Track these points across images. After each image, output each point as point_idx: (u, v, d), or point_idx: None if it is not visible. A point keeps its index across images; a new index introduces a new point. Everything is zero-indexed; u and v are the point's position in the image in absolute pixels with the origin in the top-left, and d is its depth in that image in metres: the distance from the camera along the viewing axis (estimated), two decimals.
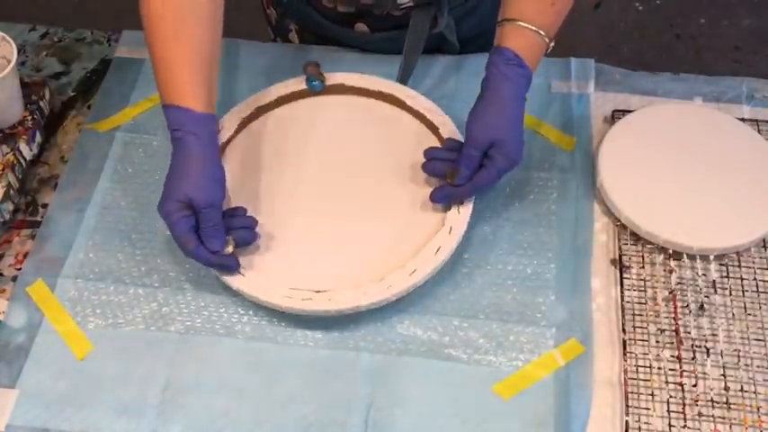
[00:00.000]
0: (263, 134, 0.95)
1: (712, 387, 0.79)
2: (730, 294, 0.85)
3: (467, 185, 0.84)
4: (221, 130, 0.93)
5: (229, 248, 0.81)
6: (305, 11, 1.05)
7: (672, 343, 0.82)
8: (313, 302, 0.80)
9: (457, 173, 0.84)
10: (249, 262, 0.84)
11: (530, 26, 0.83)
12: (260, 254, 0.85)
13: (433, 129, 0.93)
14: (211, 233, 0.80)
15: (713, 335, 0.82)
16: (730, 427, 0.77)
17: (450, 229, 0.84)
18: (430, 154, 0.88)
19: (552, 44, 0.86)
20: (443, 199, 0.86)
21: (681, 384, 0.79)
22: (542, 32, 0.84)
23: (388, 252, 0.84)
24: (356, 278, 0.82)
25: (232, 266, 0.82)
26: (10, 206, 0.90)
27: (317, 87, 0.96)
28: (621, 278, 0.86)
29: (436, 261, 0.82)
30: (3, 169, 0.90)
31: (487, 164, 0.83)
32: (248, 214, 0.85)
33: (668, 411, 0.78)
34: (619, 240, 0.88)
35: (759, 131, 0.95)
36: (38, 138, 0.96)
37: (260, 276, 0.83)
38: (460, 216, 0.85)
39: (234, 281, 0.82)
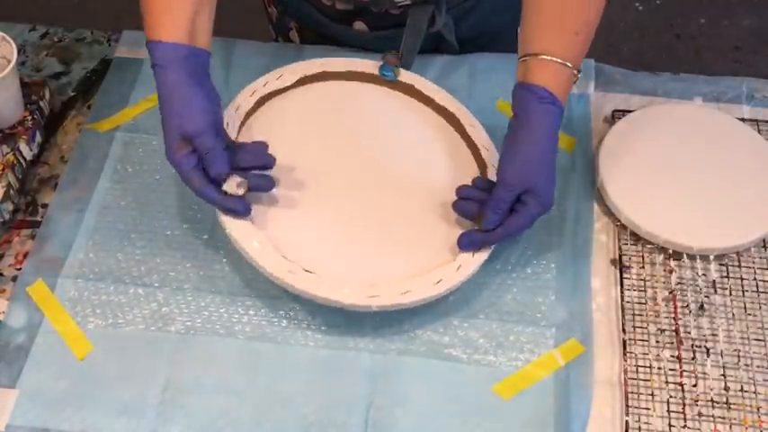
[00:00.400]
0: (320, 96, 0.94)
1: (712, 387, 0.79)
2: (730, 294, 0.85)
3: (497, 231, 0.80)
4: (281, 77, 0.93)
5: (240, 191, 0.79)
6: (304, 9, 1.05)
7: (672, 343, 0.82)
8: (295, 277, 0.79)
9: (485, 217, 0.80)
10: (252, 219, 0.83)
11: (556, 60, 0.80)
12: (262, 216, 0.84)
13: (482, 165, 0.90)
14: (210, 160, 0.77)
15: (713, 335, 0.82)
16: (730, 427, 0.77)
17: (459, 266, 0.82)
18: (461, 192, 0.84)
19: (579, 75, 0.82)
20: (471, 245, 0.81)
21: (681, 384, 0.79)
22: (570, 64, 0.80)
23: (391, 265, 0.83)
24: (347, 277, 0.81)
25: (239, 210, 0.80)
26: (10, 206, 0.90)
27: (389, 77, 0.95)
28: (621, 278, 0.86)
29: (433, 291, 0.80)
30: (3, 169, 0.90)
31: (521, 209, 0.79)
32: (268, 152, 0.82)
33: (668, 411, 0.78)
34: (619, 240, 0.88)
35: (759, 131, 0.95)
36: (38, 138, 0.96)
37: (255, 233, 0.81)
38: (473, 259, 0.82)
39: (228, 223, 0.81)
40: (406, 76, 0.96)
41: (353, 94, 0.95)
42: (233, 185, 0.79)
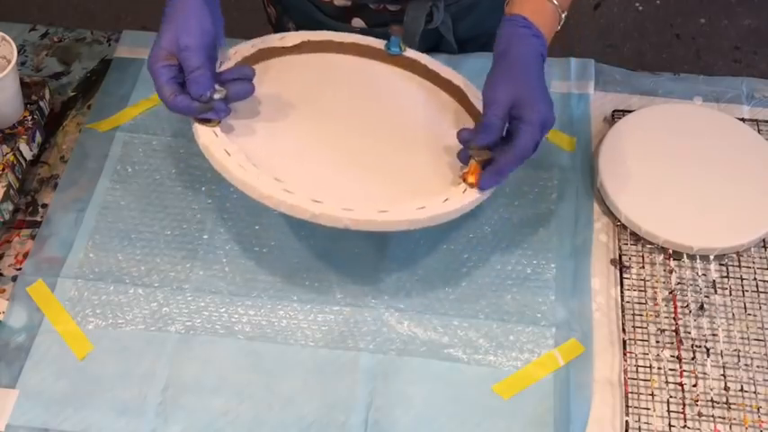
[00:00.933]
0: (319, 62, 0.93)
1: (712, 387, 0.79)
2: (730, 294, 0.85)
3: (508, 154, 0.76)
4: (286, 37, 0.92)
5: (216, 96, 0.79)
6: (303, 7, 1.05)
7: (672, 343, 0.82)
8: (264, 183, 0.76)
9: (477, 136, 0.77)
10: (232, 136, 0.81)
11: None
12: (240, 135, 0.82)
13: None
14: (193, 79, 0.77)
15: (713, 335, 0.82)
16: (730, 427, 0.77)
17: (446, 199, 0.78)
18: (462, 136, 0.80)
19: (564, 15, 0.81)
20: (488, 181, 0.78)
21: (681, 384, 0.79)
22: (555, 1, 0.80)
23: (373, 191, 0.80)
24: (321, 193, 0.77)
25: (218, 109, 0.79)
26: (10, 206, 0.90)
27: (395, 52, 0.93)
28: (621, 278, 0.86)
29: (412, 215, 0.76)
30: (3, 169, 0.90)
31: (519, 126, 0.76)
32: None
33: (668, 411, 0.78)
34: (619, 240, 0.88)
35: (759, 131, 0.95)
36: (38, 138, 0.96)
37: (229, 144, 0.79)
38: (463, 195, 0.79)
39: (200, 131, 0.79)
40: (410, 52, 0.94)
41: (355, 64, 0.94)
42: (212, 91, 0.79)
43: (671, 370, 0.80)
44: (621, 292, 0.85)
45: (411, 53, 0.95)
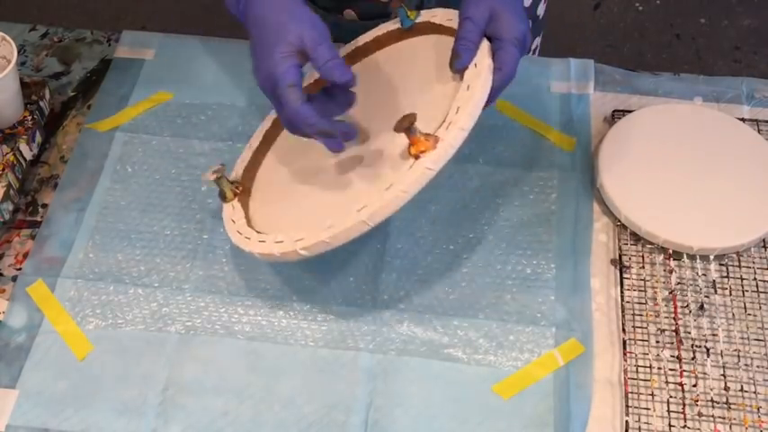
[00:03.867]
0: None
1: (712, 387, 0.79)
2: (730, 294, 0.85)
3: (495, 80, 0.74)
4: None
5: (212, 177, 0.84)
6: None
7: (672, 343, 0.82)
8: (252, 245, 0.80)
9: (456, 57, 0.75)
10: None
11: None
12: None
13: None
14: (332, 67, 0.71)
15: (713, 335, 0.82)
16: (730, 427, 0.77)
17: (390, 186, 0.72)
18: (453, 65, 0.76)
19: None
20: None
21: (681, 384, 0.79)
22: None
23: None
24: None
25: (342, 131, 0.74)
26: (10, 206, 0.91)
27: (408, 25, 0.89)
28: (621, 278, 0.86)
29: (355, 218, 0.72)
30: (3, 169, 0.90)
31: (498, 45, 0.75)
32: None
33: (668, 411, 0.78)
34: (619, 240, 0.88)
35: (759, 131, 0.95)
36: (38, 138, 0.96)
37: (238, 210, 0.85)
38: (406, 176, 0.72)
39: (225, 208, 0.86)
40: (423, 15, 0.89)
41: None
42: (209, 173, 0.83)
43: (671, 370, 0.80)
44: (621, 292, 0.85)
45: (422, 17, 0.89)
